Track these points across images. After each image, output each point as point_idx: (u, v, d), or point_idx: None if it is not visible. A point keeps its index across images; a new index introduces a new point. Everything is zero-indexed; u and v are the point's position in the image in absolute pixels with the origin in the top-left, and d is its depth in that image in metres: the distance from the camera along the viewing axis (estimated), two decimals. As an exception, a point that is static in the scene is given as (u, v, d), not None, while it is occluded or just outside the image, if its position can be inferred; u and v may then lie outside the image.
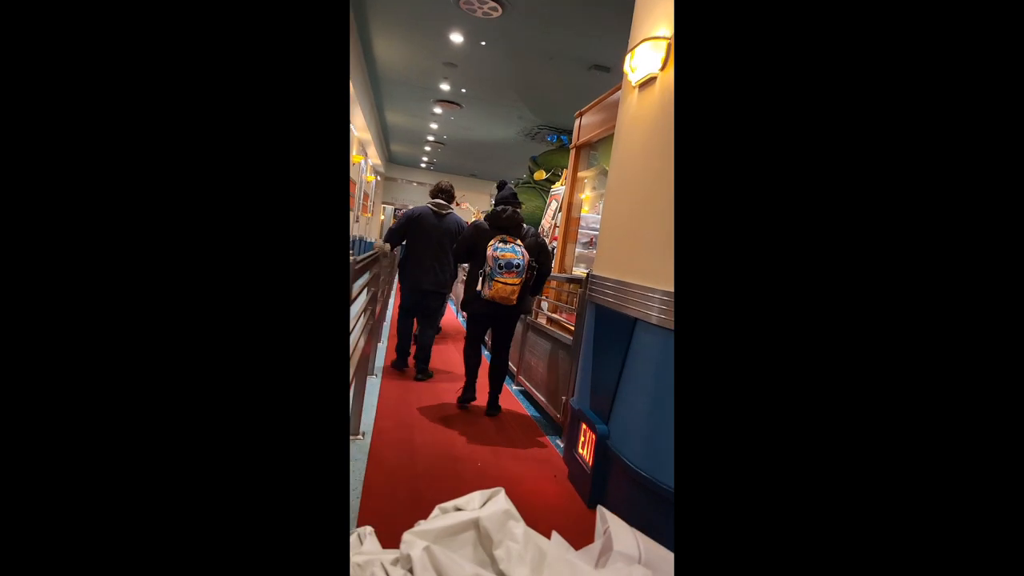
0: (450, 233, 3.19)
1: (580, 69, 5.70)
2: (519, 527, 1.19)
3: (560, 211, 4.01)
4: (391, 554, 1.12)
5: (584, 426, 2.03)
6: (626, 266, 1.90)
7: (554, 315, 3.21)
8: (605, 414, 1.92)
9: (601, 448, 1.86)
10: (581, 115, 3.56)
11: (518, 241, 2.49)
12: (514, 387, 3.46)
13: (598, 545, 1.25)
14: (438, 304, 3.40)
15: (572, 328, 2.69)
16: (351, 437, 2.20)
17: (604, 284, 2.02)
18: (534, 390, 3.13)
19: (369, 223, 13.04)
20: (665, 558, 1.18)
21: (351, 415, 2.17)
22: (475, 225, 2.62)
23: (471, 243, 2.58)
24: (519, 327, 3.57)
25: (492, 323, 2.71)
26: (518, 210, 2.58)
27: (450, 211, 3.30)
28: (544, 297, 3.49)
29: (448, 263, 3.24)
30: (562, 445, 2.44)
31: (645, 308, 1.67)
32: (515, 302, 2.48)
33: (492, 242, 2.47)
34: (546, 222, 4.58)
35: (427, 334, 3.35)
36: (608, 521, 1.28)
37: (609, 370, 1.92)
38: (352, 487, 1.78)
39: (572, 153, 3.70)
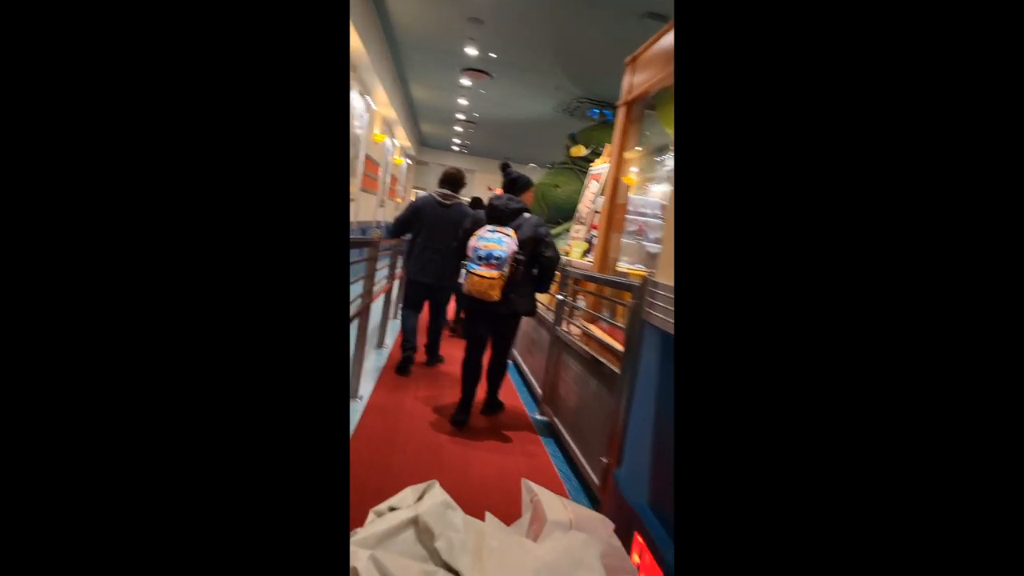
0: (454, 223, 2.89)
1: (630, 19, 4.72)
2: (458, 516, 1.16)
3: (602, 193, 3.16)
4: None
5: (640, 540, 1.22)
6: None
7: (591, 327, 2.39)
8: (679, 528, 1.11)
9: (673, 594, 1.06)
10: (634, 61, 2.68)
11: (508, 231, 2.23)
12: (538, 416, 2.69)
13: (527, 517, 1.27)
14: (442, 299, 3.23)
15: (620, 351, 1.86)
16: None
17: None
18: (564, 432, 2.33)
19: (399, 209, 12.50)
20: (592, 518, 1.23)
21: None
22: (474, 219, 2.39)
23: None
24: (546, 337, 2.79)
25: (488, 322, 2.43)
26: (514, 198, 2.36)
27: (457, 200, 3.10)
28: (577, 301, 2.67)
29: (451, 254, 2.90)
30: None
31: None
32: (496, 298, 2.19)
33: (480, 231, 2.24)
34: (584, 207, 3.72)
35: (432, 327, 3.33)
36: (534, 491, 1.29)
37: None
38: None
39: (620, 113, 2.82)
